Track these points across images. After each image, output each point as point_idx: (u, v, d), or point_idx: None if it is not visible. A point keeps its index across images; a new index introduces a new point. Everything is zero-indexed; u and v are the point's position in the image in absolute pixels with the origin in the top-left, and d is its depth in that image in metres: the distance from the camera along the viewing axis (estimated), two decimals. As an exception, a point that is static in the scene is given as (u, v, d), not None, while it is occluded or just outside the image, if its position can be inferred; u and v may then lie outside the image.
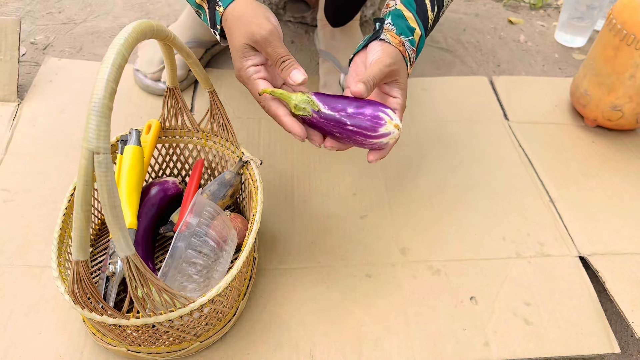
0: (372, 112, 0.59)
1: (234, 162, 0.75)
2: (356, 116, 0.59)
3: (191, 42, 1.04)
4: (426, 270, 0.77)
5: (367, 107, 0.59)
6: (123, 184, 0.68)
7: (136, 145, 0.70)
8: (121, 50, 0.47)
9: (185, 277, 0.62)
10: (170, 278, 0.62)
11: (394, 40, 0.64)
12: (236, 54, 0.61)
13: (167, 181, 0.76)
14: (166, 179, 0.76)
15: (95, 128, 0.45)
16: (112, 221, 0.47)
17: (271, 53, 0.59)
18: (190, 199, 0.73)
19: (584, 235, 0.84)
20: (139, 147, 0.70)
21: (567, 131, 1.03)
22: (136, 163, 0.69)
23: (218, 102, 0.71)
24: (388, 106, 0.61)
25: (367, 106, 0.60)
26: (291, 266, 0.77)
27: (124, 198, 0.67)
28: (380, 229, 0.83)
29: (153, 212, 0.74)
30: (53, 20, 1.22)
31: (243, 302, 0.71)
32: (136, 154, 0.70)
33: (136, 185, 0.69)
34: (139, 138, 0.70)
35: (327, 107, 0.60)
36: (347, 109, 0.59)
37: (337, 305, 0.73)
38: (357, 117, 0.59)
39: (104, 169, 0.45)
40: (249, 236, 0.64)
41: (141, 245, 0.71)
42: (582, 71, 1.01)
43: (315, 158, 0.93)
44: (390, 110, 0.60)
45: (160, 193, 0.75)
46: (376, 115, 0.59)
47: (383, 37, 0.65)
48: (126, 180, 0.68)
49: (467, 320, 0.72)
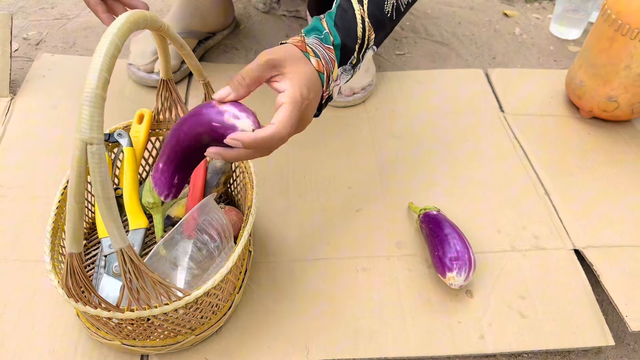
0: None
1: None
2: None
3: (183, 33, 1.04)
4: (421, 263, 0.77)
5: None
6: (126, 188, 0.68)
7: (129, 147, 0.70)
8: (114, 39, 0.46)
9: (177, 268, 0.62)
10: (159, 262, 0.62)
11: (297, 41, 0.60)
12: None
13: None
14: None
15: (89, 118, 0.45)
16: (106, 213, 0.47)
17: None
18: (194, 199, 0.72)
19: (579, 228, 0.84)
20: (132, 148, 0.70)
21: (563, 123, 1.03)
22: (132, 165, 0.69)
23: (212, 93, 0.70)
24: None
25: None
26: (286, 259, 0.77)
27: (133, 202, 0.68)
28: (375, 222, 0.83)
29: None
30: (46, 15, 1.21)
31: (238, 296, 0.70)
32: (131, 155, 0.70)
33: (136, 186, 0.69)
34: (130, 139, 0.70)
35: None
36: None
37: (333, 299, 0.73)
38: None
39: (98, 159, 0.45)
40: (244, 229, 0.63)
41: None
42: (577, 62, 1.01)
43: (311, 151, 0.93)
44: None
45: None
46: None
47: (283, 42, 0.61)
48: (129, 184, 0.68)
49: (462, 313, 0.72)
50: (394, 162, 0.93)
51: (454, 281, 0.70)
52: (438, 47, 1.22)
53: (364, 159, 0.93)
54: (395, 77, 1.11)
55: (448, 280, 0.71)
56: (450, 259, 0.70)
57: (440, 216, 0.77)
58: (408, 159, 0.93)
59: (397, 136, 0.97)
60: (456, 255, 0.70)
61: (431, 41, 1.23)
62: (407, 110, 1.03)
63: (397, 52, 1.19)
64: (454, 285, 0.70)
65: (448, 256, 0.71)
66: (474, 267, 0.71)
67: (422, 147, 0.96)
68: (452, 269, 0.70)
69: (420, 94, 1.07)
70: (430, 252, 0.75)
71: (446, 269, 0.70)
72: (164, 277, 0.63)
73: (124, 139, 0.71)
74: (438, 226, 0.75)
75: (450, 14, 1.33)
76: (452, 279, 0.70)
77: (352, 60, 0.65)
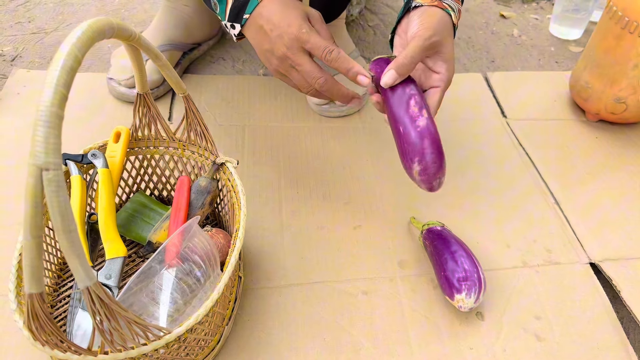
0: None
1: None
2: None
3: (166, 46, 0.98)
4: (427, 284, 0.71)
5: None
6: (102, 214, 0.62)
7: (104, 168, 0.64)
8: (73, 50, 0.41)
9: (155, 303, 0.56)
10: (135, 297, 0.56)
11: (431, 1, 0.61)
12: (297, 16, 0.60)
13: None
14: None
15: (43, 141, 0.39)
16: (68, 247, 0.41)
17: (327, 29, 0.62)
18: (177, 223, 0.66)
19: (593, 239, 0.78)
20: (107, 169, 0.64)
21: (569, 127, 0.98)
22: (108, 188, 0.63)
23: (194, 107, 0.64)
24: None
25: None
26: (280, 284, 0.71)
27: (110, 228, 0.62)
28: (375, 240, 0.77)
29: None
30: (22, 30, 1.16)
31: (228, 328, 0.64)
32: (106, 177, 0.64)
33: (113, 211, 0.63)
34: (105, 160, 0.65)
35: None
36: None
37: (332, 327, 0.67)
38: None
39: (55, 187, 0.39)
40: (231, 255, 0.57)
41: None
42: (581, 63, 0.96)
43: (304, 165, 0.87)
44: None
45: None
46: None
47: (415, 4, 0.61)
48: (105, 209, 0.62)
49: (473, 338, 0.66)
50: (393, 174, 0.87)
51: (464, 303, 0.64)
52: (434, 51, 1.16)
53: (361, 171, 0.87)
54: (391, 83, 1.05)
55: (457, 303, 0.65)
56: (458, 279, 0.65)
57: (446, 232, 0.71)
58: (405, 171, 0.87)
59: (394, 146, 0.91)
60: (464, 275, 0.65)
61: (427, 45, 1.18)
62: (405, 119, 0.97)
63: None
64: (463, 308, 0.65)
65: (456, 276, 0.65)
66: (484, 287, 0.65)
67: (421, 157, 0.90)
68: (460, 290, 0.64)
69: (418, 100, 1.01)
70: (436, 272, 0.69)
71: (454, 290, 0.64)
72: (143, 313, 0.57)
73: (99, 159, 0.65)
74: (443, 243, 0.69)
75: (445, 17, 1.28)
76: (461, 301, 0.64)
77: None
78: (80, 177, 0.64)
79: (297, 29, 0.59)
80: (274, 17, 0.60)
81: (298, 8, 0.61)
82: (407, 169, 0.61)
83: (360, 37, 1.18)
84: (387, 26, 1.22)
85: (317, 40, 0.59)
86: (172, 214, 0.67)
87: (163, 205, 0.74)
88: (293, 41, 0.59)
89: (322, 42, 0.59)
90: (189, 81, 1.03)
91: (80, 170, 0.65)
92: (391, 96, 0.61)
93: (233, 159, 0.66)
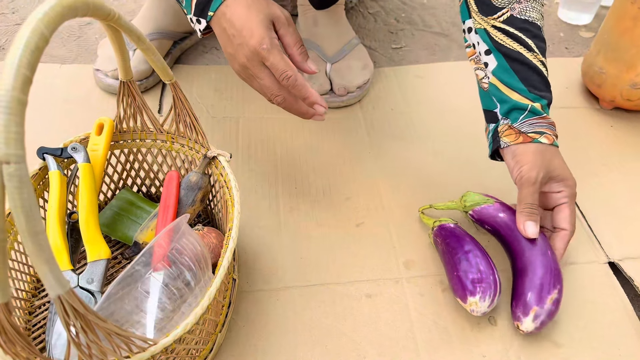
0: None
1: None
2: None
3: (155, 34, 0.93)
4: (435, 286, 0.66)
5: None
6: (82, 212, 0.57)
7: (85, 162, 0.59)
8: (39, 27, 0.35)
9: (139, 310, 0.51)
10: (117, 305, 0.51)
11: (515, 138, 0.62)
12: (259, 25, 0.57)
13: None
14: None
15: (3, 130, 0.33)
16: (34, 251, 0.36)
17: (293, 33, 0.60)
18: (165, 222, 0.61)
19: (611, 236, 0.73)
20: (89, 164, 0.59)
21: (581, 115, 0.93)
22: (90, 184, 0.58)
23: (182, 96, 0.59)
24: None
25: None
26: (278, 287, 0.66)
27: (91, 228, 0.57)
28: (379, 239, 0.72)
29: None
30: (5, 21, 1.11)
31: (221, 335, 0.59)
32: (88, 173, 0.59)
33: (95, 209, 0.58)
34: (87, 154, 0.60)
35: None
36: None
37: (333, 333, 0.62)
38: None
39: (17, 183, 0.34)
40: (223, 256, 0.53)
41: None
42: (594, 47, 0.91)
43: (302, 158, 0.82)
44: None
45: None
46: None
47: (503, 145, 0.63)
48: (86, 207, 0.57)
49: (486, 345, 0.61)
50: (396, 167, 0.82)
51: (477, 307, 0.59)
52: (438, 38, 1.11)
53: (362, 165, 0.82)
54: (393, 72, 1.00)
55: (469, 306, 0.60)
56: (472, 281, 0.60)
57: (459, 229, 0.66)
58: (411, 163, 0.83)
59: (398, 137, 0.86)
60: (479, 276, 0.60)
61: (430, 32, 1.13)
62: (408, 108, 0.92)
63: (393, 45, 1.08)
64: (476, 312, 0.60)
65: (470, 277, 0.60)
66: (499, 290, 0.60)
67: (427, 149, 0.85)
68: (474, 293, 0.59)
69: (421, 89, 0.96)
70: (448, 272, 0.64)
71: (467, 292, 0.60)
72: (126, 322, 0.52)
73: (80, 153, 0.60)
74: (457, 241, 0.64)
75: (448, 3, 1.22)
76: (474, 304, 0.59)
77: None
78: (59, 172, 0.58)
79: (258, 43, 0.56)
80: (237, 21, 0.57)
81: (262, 12, 0.57)
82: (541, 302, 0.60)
83: (360, 24, 1.13)
84: (388, 13, 1.17)
85: (276, 61, 0.57)
86: (160, 212, 0.62)
87: (151, 203, 0.70)
88: (253, 54, 0.57)
89: (280, 64, 0.57)
90: (179, 72, 0.98)
91: (59, 165, 0.60)
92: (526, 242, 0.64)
93: (226, 152, 0.61)
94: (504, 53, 0.63)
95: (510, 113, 0.63)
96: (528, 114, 0.62)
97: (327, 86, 0.90)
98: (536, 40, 0.63)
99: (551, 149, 0.63)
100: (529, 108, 0.62)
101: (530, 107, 0.62)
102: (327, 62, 0.91)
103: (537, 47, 0.63)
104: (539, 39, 0.64)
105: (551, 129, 0.63)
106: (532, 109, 0.62)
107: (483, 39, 0.65)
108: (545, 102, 0.64)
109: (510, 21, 0.63)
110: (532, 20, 0.63)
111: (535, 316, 0.58)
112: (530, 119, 0.62)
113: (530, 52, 0.63)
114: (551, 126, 0.63)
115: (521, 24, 0.63)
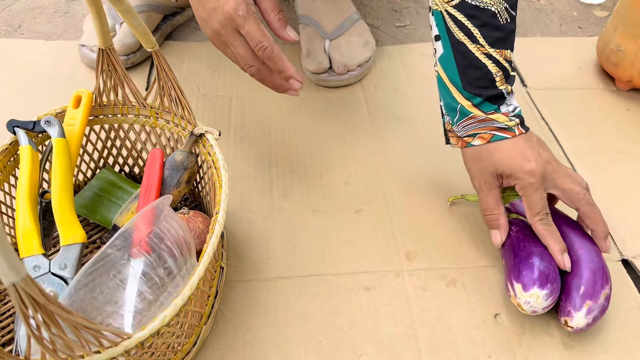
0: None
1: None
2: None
3: (144, 6, 0.87)
4: (438, 279, 0.62)
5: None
6: (55, 191, 0.52)
7: (60, 137, 0.54)
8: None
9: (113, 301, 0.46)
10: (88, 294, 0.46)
11: (456, 142, 0.60)
12: None
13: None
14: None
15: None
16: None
17: (265, 3, 0.57)
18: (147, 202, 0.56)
19: (626, 231, 0.68)
20: (64, 139, 0.54)
21: (596, 97, 0.88)
22: (64, 161, 0.53)
23: (165, 66, 0.54)
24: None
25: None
26: (269, 277, 0.61)
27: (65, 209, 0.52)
28: (379, 227, 0.67)
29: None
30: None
31: (206, 327, 0.55)
32: (62, 148, 0.54)
33: (69, 188, 0.53)
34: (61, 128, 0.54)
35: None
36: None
37: (329, 327, 0.57)
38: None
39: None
40: (208, 242, 0.48)
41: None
42: (611, 25, 0.86)
43: (298, 140, 0.77)
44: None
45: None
46: None
47: (452, 146, 0.62)
48: (59, 186, 0.52)
49: (492, 344, 0.57)
50: (399, 150, 0.77)
51: (536, 301, 0.53)
52: (444, 18, 1.06)
53: (363, 147, 0.77)
54: (397, 51, 0.95)
55: (528, 297, 0.54)
56: (546, 275, 0.55)
57: None
58: (415, 146, 0.78)
59: (401, 118, 0.82)
60: (554, 275, 0.55)
61: (436, 12, 1.07)
62: (412, 88, 0.87)
63: (397, 24, 1.03)
64: (528, 306, 0.54)
65: (544, 271, 0.55)
66: (556, 300, 0.56)
67: (431, 131, 0.80)
68: (543, 286, 0.54)
69: (426, 68, 0.91)
70: (515, 257, 0.57)
71: (536, 283, 0.54)
72: (99, 314, 0.47)
73: (54, 127, 0.55)
74: (535, 237, 0.59)
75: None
76: (535, 297, 0.53)
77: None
78: (30, 147, 0.53)
79: (233, 9, 0.52)
80: None
81: None
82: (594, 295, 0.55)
83: (362, 2, 1.08)
84: (392, -9, 1.12)
85: (252, 30, 0.53)
86: (142, 193, 0.57)
87: (133, 184, 0.65)
88: (228, 20, 0.53)
89: (256, 34, 0.54)
90: (170, 48, 0.93)
91: (32, 140, 0.54)
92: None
93: (214, 130, 0.56)
94: (451, 42, 0.57)
95: (448, 111, 0.60)
96: (460, 115, 0.58)
97: (325, 64, 0.85)
98: (485, 29, 0.56)
99: (487, 147, 0.57)
100: (458, 108, 0.58)
101: (460, 108, 0.58)
102: (326, 39, 0.86)
103: (485, 38, 0.56)
104: (490, 27, 0.56)
105: (486, 125, 0.57)
106: (461, 110, 0.58)
107: (437, 23, 0.58)
108: (480, 100, 0.57)
109: (460, 6, 0.56)
110: (484, 6, 0.55)
111: (589, 311, 0.53)
112: (463, 121, 0.58)
113: (474, 43, 0.56)
114: (485, 122, 0.57)
115: (469, 10, 0.55)
